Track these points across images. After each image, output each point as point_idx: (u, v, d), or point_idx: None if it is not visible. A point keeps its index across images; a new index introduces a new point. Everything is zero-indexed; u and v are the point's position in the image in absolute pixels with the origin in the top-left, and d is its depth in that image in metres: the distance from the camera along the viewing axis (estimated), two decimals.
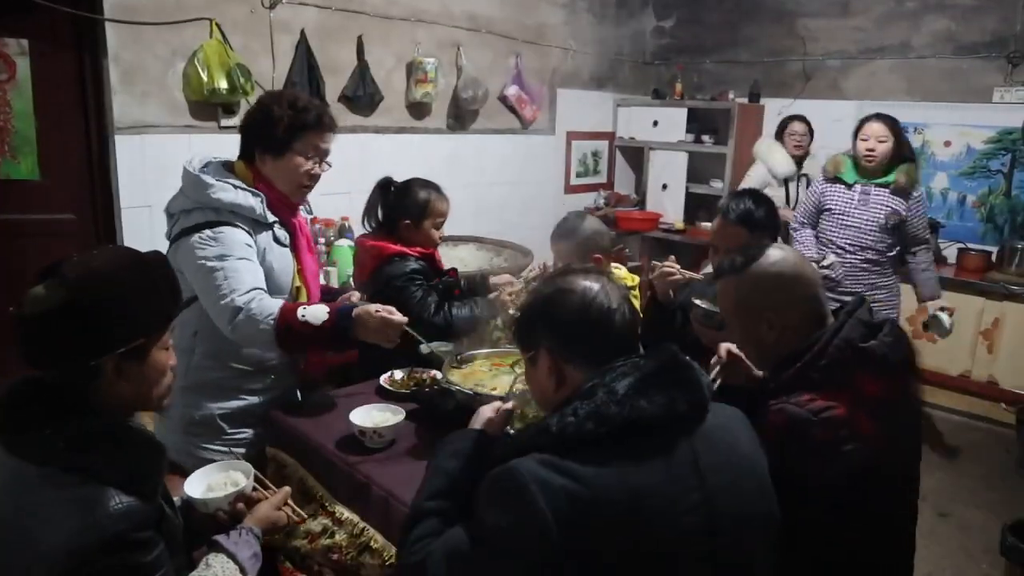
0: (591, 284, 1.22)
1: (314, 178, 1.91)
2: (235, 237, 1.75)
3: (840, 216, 3.29)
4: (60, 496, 1.05)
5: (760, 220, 2.08)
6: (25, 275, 1.17)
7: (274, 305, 1.70)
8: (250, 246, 1.78)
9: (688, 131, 5.13)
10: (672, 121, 5.18)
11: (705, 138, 5.10)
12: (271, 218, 1.84)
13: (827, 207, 3.34)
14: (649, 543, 1.04)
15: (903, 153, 3.21)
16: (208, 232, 1.75)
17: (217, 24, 3.28)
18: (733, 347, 1.73)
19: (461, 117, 4.47)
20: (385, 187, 2.43)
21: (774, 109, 4.98)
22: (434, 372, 2.03)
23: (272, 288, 1.82)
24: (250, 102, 3.45)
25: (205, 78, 3.20)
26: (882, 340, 1.38)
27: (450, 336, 2.19)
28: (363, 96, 3.87)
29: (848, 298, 1.55)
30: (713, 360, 1.71)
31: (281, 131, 1.80)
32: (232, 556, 1.26)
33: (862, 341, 1.37)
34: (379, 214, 2.43)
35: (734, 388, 1.70)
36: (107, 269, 1.16)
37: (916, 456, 1.49)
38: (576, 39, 5.10)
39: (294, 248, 1.94)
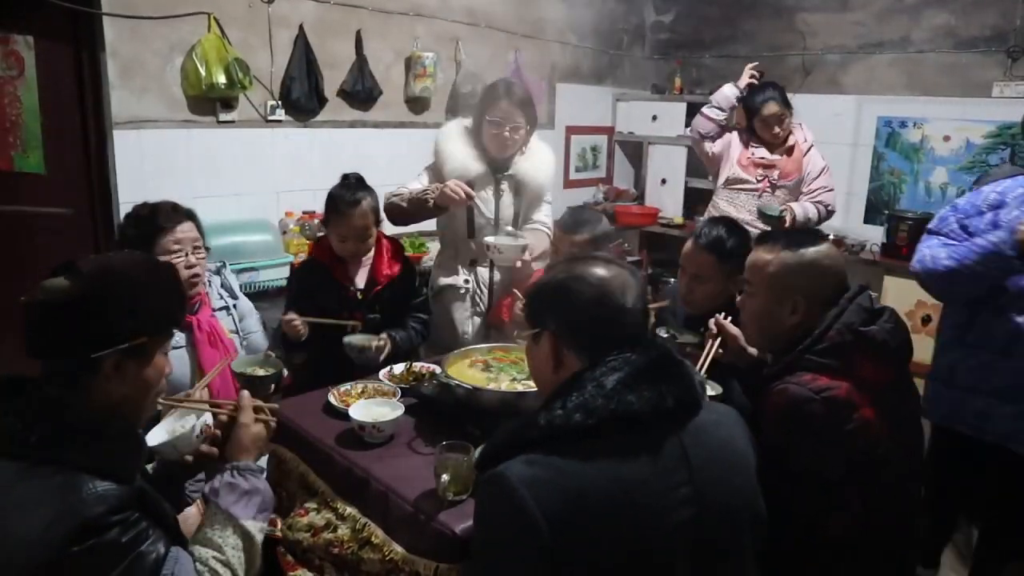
0: (609, 276, 1.19)
1: (192, 267, 2.03)
2: None
3: None
4: (34, 487, 1.05)
5: (730, 250, 1.99)
6: (25, 267, 1.18)
7: None
8: None
9: (687, 126, 5.12)
10: (671, 116, 5.18)
11: None
12: None
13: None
14: (640, 536, 1.05)
15: None
16: None
17: (215, 18, 3.27)
18: (720, 318, 1.75)
19: (460, 112, 4.45)
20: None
21: None
22: (433, 367, 2.02)
23: (173, 388, 1.95)
24: (248, 97, 3.48)
25: (203, 73, 3.19)
26: (882, 326, 1.39)
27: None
28: (361, 91, 3.87)
29: None
30: (708, 333, 1.73)
31: (139, 245, 2.02)
32: (230, 517, 1.24)
33: (862, 326, 1.38)
34: None
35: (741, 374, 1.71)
36: (121, 266, 1.23)
37: (918, 445, 1.49)
38: (575, 33, 5.09)
39: (193, 346, 2.04)
